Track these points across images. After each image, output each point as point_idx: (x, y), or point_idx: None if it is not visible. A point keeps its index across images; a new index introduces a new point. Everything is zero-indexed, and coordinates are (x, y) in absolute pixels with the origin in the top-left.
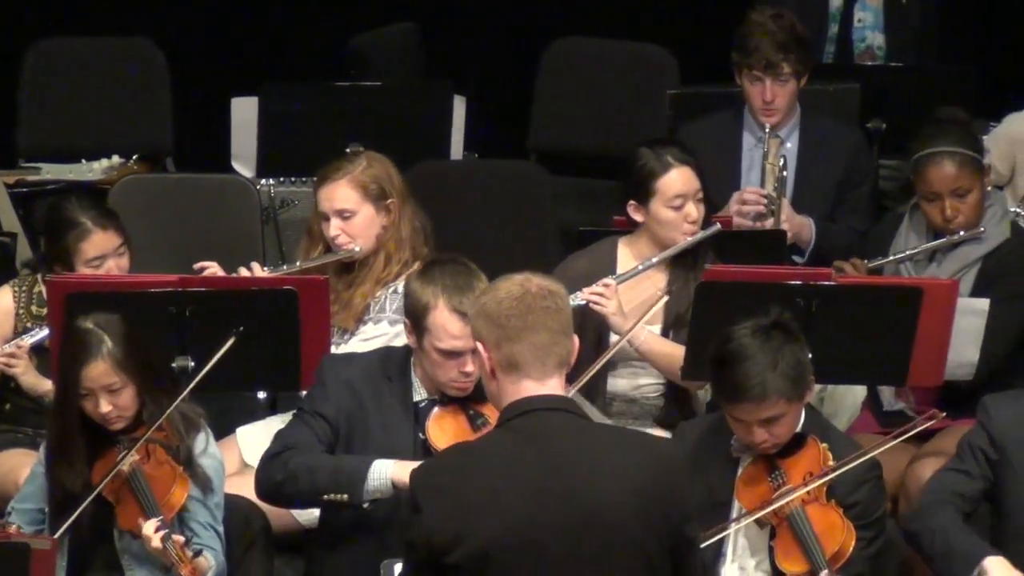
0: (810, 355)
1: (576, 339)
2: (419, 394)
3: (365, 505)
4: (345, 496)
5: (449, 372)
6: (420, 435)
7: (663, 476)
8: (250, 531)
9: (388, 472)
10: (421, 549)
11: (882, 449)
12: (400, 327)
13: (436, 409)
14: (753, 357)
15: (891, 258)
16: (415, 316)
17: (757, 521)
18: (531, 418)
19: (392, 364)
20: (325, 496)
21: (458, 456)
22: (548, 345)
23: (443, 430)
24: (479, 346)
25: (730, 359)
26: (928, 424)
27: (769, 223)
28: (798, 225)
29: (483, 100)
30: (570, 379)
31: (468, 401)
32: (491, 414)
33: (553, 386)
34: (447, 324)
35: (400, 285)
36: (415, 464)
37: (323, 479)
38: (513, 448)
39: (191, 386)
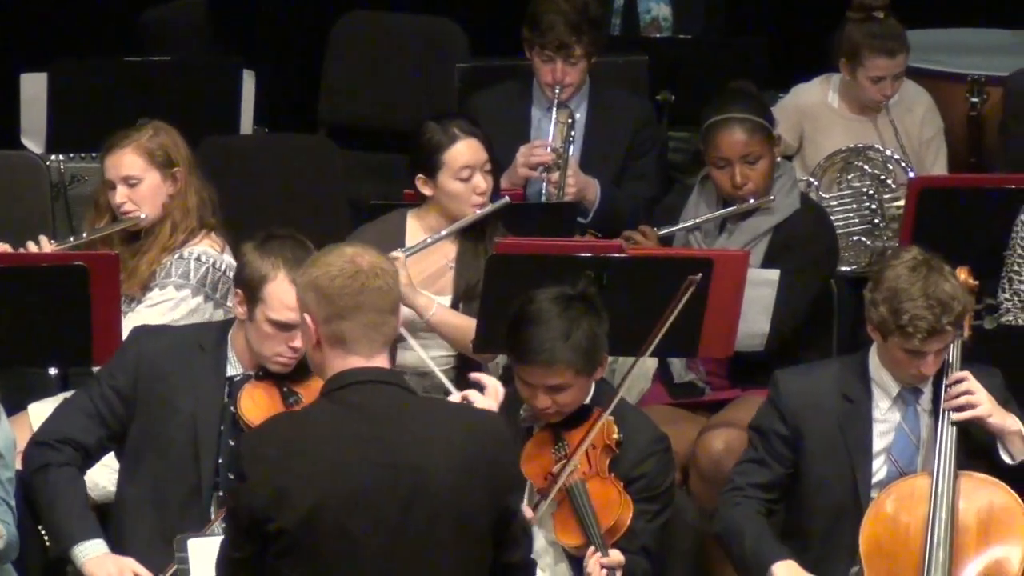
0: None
1: (400, 316)
2: (234, 368)
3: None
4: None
5: (277, 346)
6: (232, 408)
7: (487, 447)
8: None
9: (83, 559)
10: (244, 516)
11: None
12: (186, 291)
13: (249, 383)
14: (549, 322)
15: (681, 226)
16: (251, 286)
17: (539, 491)
18: (357, 389)
19: (208, 336)
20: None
21: (283, 425)
22: (377, 324)
23: (255, 404)
24: (306, 317)
25: (527, 321)
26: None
27: (555, 176)
28: (584, 182)
29: (273, 74)
30: None
31: (283, 379)
32: (305, 392)
33: (380, 362)
34: (284, 296)
35: (186, 251)
36: (116, 560)
37: (47, 514)
38: (339, 418)
39: None
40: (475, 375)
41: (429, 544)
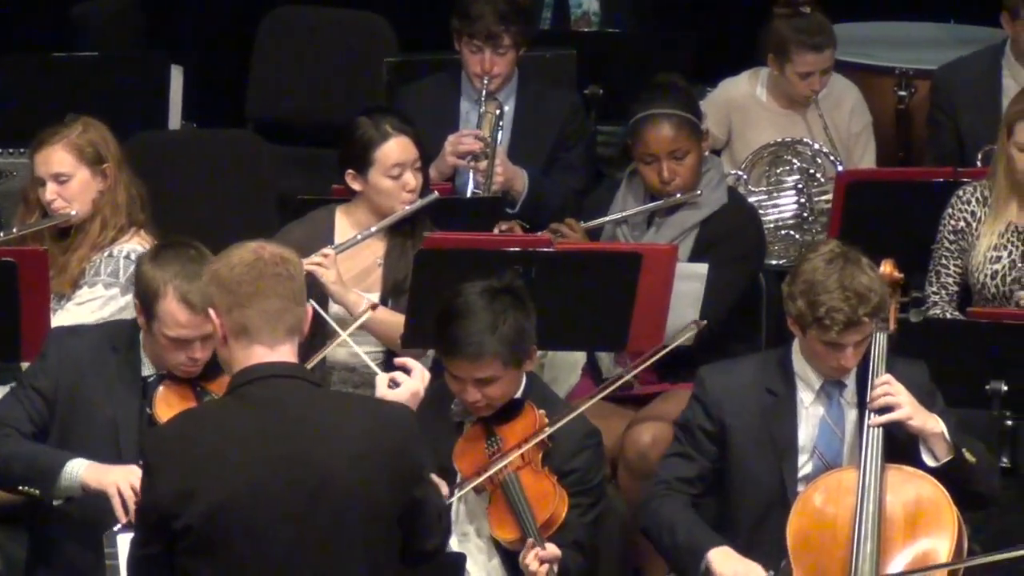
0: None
1: (309, 308)
2: (148, 368)
3: (56, 503)
4: (37, 491)
5: (176, 357)
6: (147, 410)
7: (393, 439)
8: None
9: (79, 473)
10: (151, 513)
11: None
12: (115, 290)
13: (162, 385)
14: (475, 315)
15: (607, 218)
16: (145, 300)
17: (475, 488)
18: (261, 385)
19: (120, 337)
20: (19, 487)
21: (188, 421)
22: (279, 312)
23: (170, 406)
24: (211, 312)
25: (454, 314)
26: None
27: (483, 166)
28: (512, 172)
29: (201, 69)
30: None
31: (196, 378)
32: (218, 391)
33: (284, 353)
34: (175, 313)
35: (116, 249)
36: (108, 468)
37: (18, 469)
38: (243, 414)
39: None
40: (400, 359)
41: (336, 536)
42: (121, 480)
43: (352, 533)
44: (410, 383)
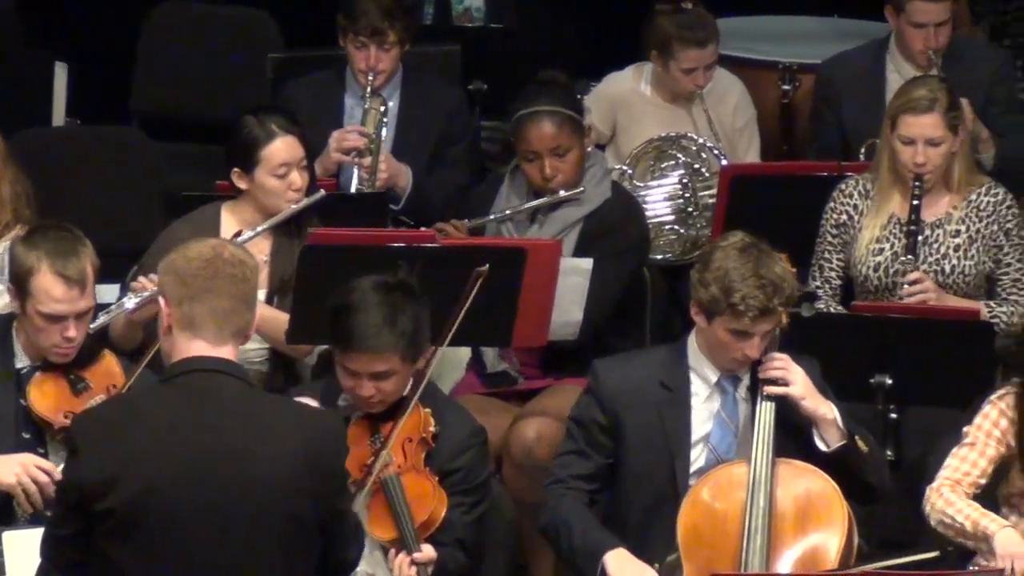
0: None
1: (257, 314)
2: (22, 361)
3: None
4: None
5: (52, 337)
6: (21, 401)
7: (320, 446)
8: None
9: None
10: (73, 493)
11: None
12: (1, 286)
13: (37, 374)
14: (372, 309)
15: (491, 217)
16: (18, 280)
17: (354, 483)
18: (196, 377)
19: None
20: None
21: (120, 406)
22: (228, 312)
23: (44, 395)
24: (161, 300)
25: (350, 309)
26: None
27: (367, 162)
28: (396, 168)
29: (85, 66)
30: None
31: (70, 366)
32: (93, 379)
33: (226, 353)
34: (50, 288)
35: (1, 245)
36: (11, 458)
37: None
38: (175, 403)
39: None
40: None
41: (256, 534)
42: (20, 472)
43: (272, 533)
44: None
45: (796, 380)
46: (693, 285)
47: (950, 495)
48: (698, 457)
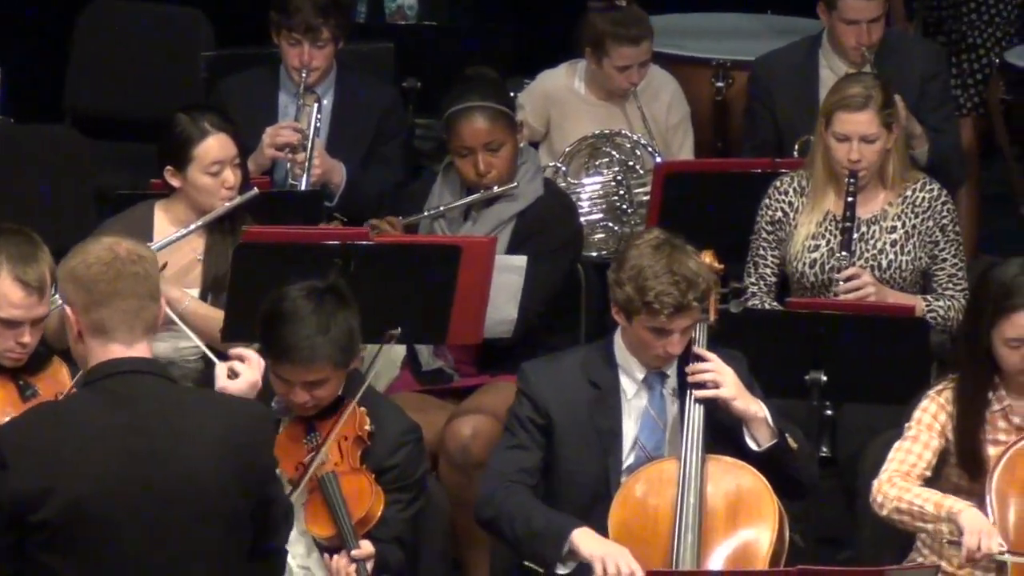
0: None
1: (164, 303)
2: None
3: None
4: None
5: (5, 341)
6: None
7: (251, 438)
8: None
9: None
10: (6, 506)
11: None
12: None
13: None
14: (305, 319)
15: (425, 214)
16: None
17: (290, 482)
18: (119, 379)
19: None
20: None
21: (46, 414)
22: (136, 310)
23: None
24: (67, 309)
25: (281, 318)
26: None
27: (301, 158)
28: (330, 165)
29: (17, 63)
30: None
31: (19, 371)
32: (41, 385)
33: (141, 350)
34: (8, 293)
35: None
36: None
37: None
38: (101, 408)
39: None
40: (236, 350)
41: (191, 532)
42: None
43: (206, 529)
44: (248, 373)
45: (726, 382)
46: (610, 285)
47: (903, 483)
48: (629, 455)
